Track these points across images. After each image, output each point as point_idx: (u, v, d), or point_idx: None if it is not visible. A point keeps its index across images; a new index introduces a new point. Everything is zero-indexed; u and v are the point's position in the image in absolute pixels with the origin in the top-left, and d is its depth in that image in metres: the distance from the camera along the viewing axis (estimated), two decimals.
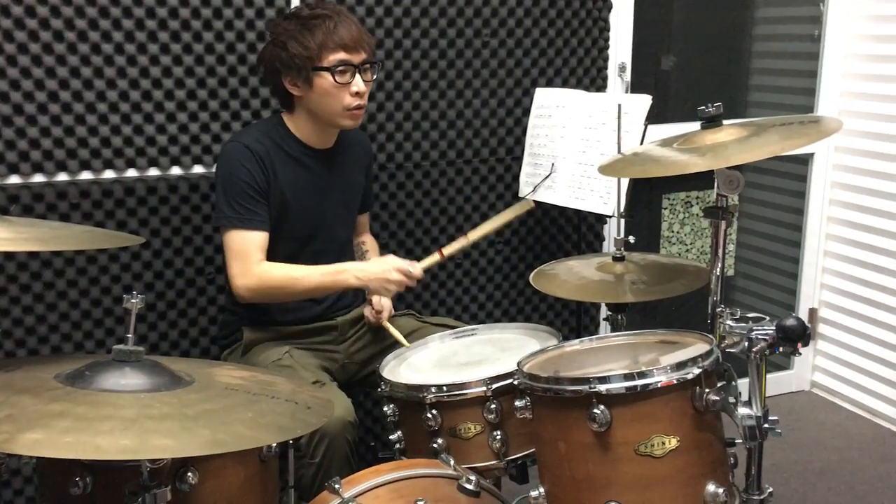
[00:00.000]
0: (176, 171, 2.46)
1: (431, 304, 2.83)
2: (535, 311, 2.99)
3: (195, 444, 1.06)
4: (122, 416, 1.10)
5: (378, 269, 2.11)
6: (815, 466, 2.93)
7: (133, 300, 1.30)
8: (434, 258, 2.18)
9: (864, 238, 3.26)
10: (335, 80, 2.04)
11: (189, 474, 1.41)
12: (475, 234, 2.22)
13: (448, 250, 2.19)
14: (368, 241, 2.49)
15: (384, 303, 2.29)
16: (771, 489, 1.67)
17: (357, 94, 2.08)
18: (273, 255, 2.11)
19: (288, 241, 2.16)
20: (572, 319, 3.02)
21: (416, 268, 2.11)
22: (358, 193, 2.36)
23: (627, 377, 1.51)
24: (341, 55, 2.04)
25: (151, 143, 2.41)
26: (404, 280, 2.09)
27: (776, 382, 3.47)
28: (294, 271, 2.09)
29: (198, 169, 2.47)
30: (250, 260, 2.06)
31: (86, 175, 2.37)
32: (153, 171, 2.43)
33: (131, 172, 2.41)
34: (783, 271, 3.52)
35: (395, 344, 2.25)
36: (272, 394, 1.29)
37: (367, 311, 2.31)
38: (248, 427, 1.14)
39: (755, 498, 1.65)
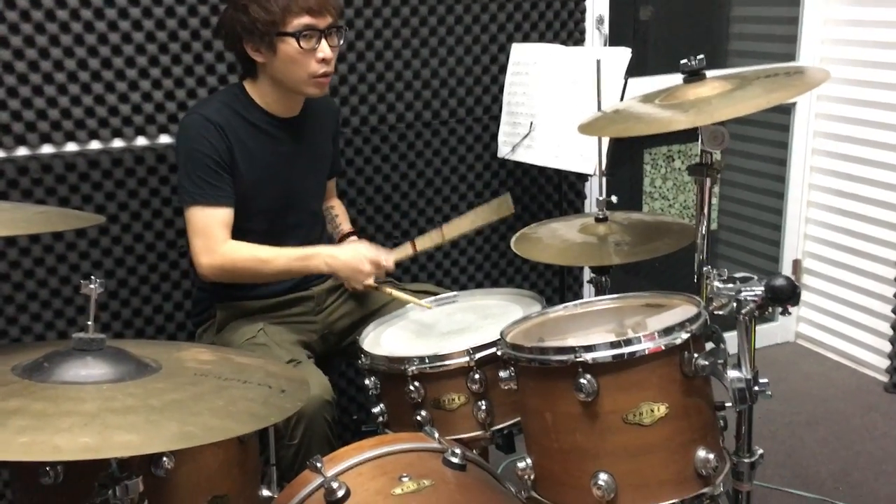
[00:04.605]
0: (141, 141, 2.37)
1: (412, 270, 2.77)
2: (517, 273, 2.94)
3: (161, 439, 1.01)
4: (82, 411, 1.03)
5: (350, 257, 2.03)
6: (802, 418, 2.93)
7: (91, 286, 1.23)
8: (406, 251, 2.11)
9: (847, 187, 3.22)
10: (300, 46, 1.94)
11: (164, 459, 1.37)
12: (451, 232, 2.13)
13: (420, 245, 2.12)
14: (336, 206, 2.42)
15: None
16: (762, 451, 1.64)
17: (323, 61, 1.98)
18: (246, 230, 2.03)
19: (260, 216, 2.08)
20: (556, 280, 2.98)
21: (389, 262, 2.05)
22: (327, 161, 2.28)
23: (614, 345, 1.46)
24: (306, 19, 1.94)
25: (114, 112, 2.32)
26: (376, 271, 2.03)
27: (761, 335, 3.46)
28: (261, 253, 2.01)
29: (164, 139, 2.38)
30: (215, 238, 1.98)
31: (47, 149, 2.28)
32: (118, 143, 2.35)
33: (95, 144, 2.32)
34: (767, 223, 3.49)
35: (376, 312, 2.20)
36: (244, 378, 1.24)
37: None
38: (219, 416, 1.08)
39: (746, 461, 1.62)
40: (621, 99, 2.31)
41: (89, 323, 1.19)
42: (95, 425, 1.01)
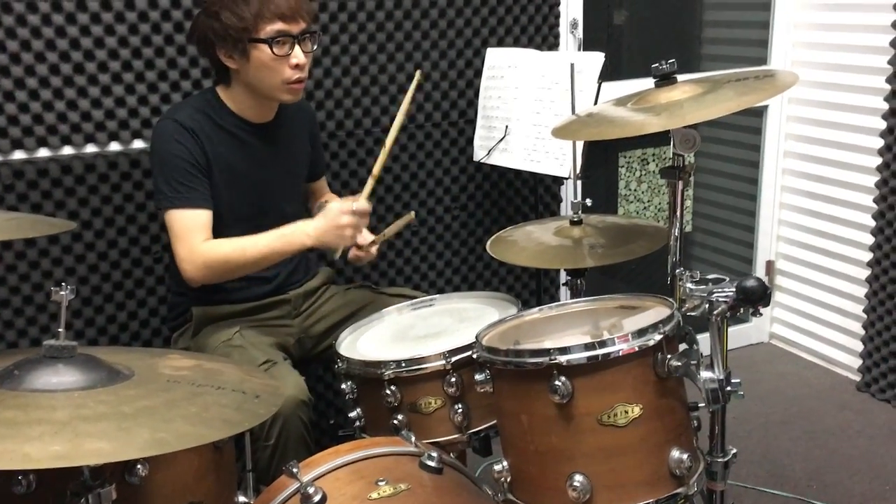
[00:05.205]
0: (115, 146, 2.35)
1: (389, 274, 2.77)
2: (494, 275, 2.95)
3: (133, 447, 1.00)
4: (53, 419, 1.02)
5: (326, 219, 1.98)
6: (776, 417, 2.96)
7: (62, 293, 1.22)
8: (369, 183, 2.05)
9: (819, 189, 3.26)
10: (273, 53, 1.93)
11: (138, 467, 1.35)
12: (390, 138, 2.07)
13: (377, 168, 2.06)
14: (332, 199, 2.38)
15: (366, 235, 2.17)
16: (735, 450, 1.66)
17: (297, 67, 1.97)
18: (221, 236, 2.01)
19: (234, 221, 2.06)
20: (532, 283, 2.99)
21: (360, 201, 1.99)
22: (304, 165, 2.27)
23: (588, 347, 1.47)
24: (279, 25, 1.93)
25: (87, 118, 2.29)
26: (356, 220, 1.98)
27: (735, 335, 3.49)
28: (241, 242, 1.98)
29: (138, 144, 2.37)
30: (195, 240, 1.96)
31: (18, 154, 2.26)
32: (90, 148, 2.33)
33: (67, 150, 2.30)
34: (740, 225, 3.53)
35: (352, 316, 2.19)
36: (218, 384, 1.23)
37: (354, 254, 2.17)
38: (191, 423, 1.08)
39: (719, 460, 1.64)
40: (595, 103, 2.33)
41: (60, 330, 1.18)
42: (66, 433, 1.00)
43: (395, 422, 1.79)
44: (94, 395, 1.12)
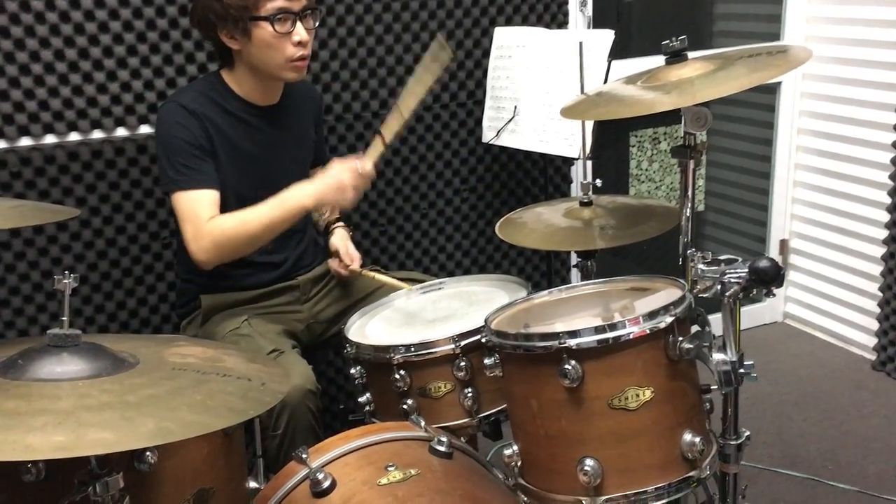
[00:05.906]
0: (121, 132, 2.34)
1: (398, 257, 2.76)
2: (504, 258, 2.93)
3: (137, 436, 0.99)
4: (56, 409, 1.02)
5: (328, 177, 1.92)
6: (791, 398, 2.94)
7: (66, 281, 1.21)
8: (378, 148, 1.97)
9: (833, 166, 3.22)
10: (275, 30, 1.91)
11: (147, 454, 1.35)
12: (407, 106, 1.96)
13: (387, 134, 1.97)
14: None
15: (352, 252, 2.22)
16: (748, 433, 1.64)
17: (300, 44, 1.95)
18: None
19: (242, 206, 2.04)
20: (542, 265, 2.97)
21: (366, 163, 1.93)
22: (310, 148, 2.25)
23: (598, 330, 1.45)
24: (280, 2, 1.90)
25: (93, 103, 2.28)
26: (359, 180, 1.91)
27: (749, 315, 3.46)
28: (241, 214, 1.92)
29: (144, 129, 2.35)
30: (201, 219, 1.92)
31: (25, 141, 2.25)
32: (97, 134, 2.32)
33: (74, 136, 2.29)
34: (753, 204, 3.49)
35: (361, 301, 2.19)
36: (224, 371, 1.22)
37: (335, 265, 2.23)
38: (196, 412, 1.07)
39: (732, 443, 1.62)
40: (605, 81, 2.30)
41: (64, 318, 1.17)
42: (70, 423, 0.99)
43: (405, 406, 1.78)
44: (99, 384, 1.11)
